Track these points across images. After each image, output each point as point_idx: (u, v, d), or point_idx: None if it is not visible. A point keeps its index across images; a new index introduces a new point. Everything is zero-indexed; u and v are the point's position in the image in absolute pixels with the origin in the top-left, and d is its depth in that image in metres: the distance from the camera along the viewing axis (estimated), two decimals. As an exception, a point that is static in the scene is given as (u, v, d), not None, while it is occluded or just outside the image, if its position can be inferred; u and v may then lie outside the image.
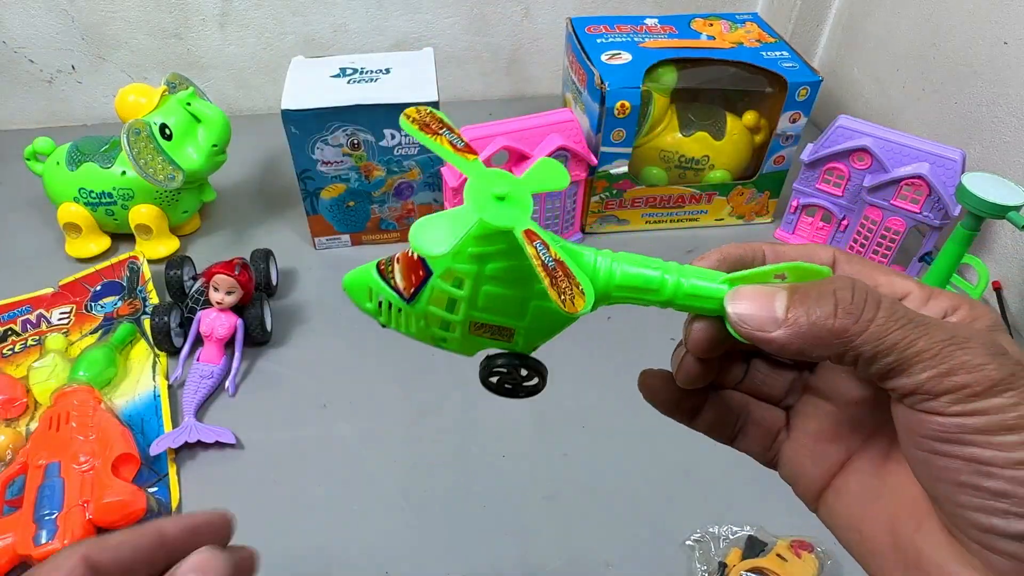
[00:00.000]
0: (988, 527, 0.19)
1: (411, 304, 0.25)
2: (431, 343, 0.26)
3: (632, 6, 1.01)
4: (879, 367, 0.20)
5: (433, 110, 0.24)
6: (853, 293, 0.20)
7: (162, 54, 0.95)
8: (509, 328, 0.25)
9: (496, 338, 0.25)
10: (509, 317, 0.25)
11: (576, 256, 0.24)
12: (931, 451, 0.20)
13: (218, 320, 0.62)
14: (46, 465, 0.51)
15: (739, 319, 0.21)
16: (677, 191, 0.78)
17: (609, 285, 0.23)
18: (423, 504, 0.53)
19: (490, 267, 0.24)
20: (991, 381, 0.18)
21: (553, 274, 0.21)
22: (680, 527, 0.51)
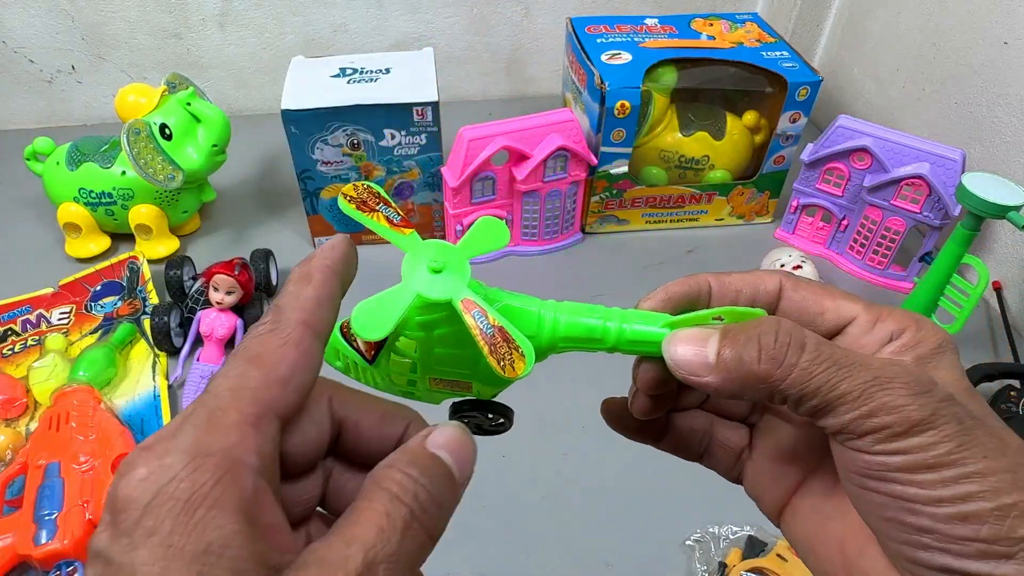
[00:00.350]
0: (914, 559, 0.20)
1: (374, 365, 0.26)
2: (401, 396, 0.27)
3: (632, 6, 1.01)
4: (806, 408, 0.20)
5: (371, 184, 0.25)
6: (776, 337, 0.21)
7: (162, 54, 0.95)
8: (466, 381, 0.26)
9: (456, 390, 0.27)
10: (463, 373, 0.26)
11: (518, 314, 0.24)
12: (861, 486, 0.20)
13: (218, 320, 0.62)
14: (46, 465, 0.51)
15: (675, 364, 0.22)
16: (677, 191, 0.78)
17: (555, 337, 0.24)
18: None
19: (437, 332, 0.24)
20: (911, 422, 0.19)
21: (492, 341, 0.22)
22: (680, 527, 0.51)
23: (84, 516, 0.48)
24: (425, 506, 0.20)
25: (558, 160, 0.71)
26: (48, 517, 0.48)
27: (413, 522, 0.19)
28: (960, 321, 0.60)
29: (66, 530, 0.47)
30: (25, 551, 0.46)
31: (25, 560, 0.47)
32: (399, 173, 0.72)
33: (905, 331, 0.22)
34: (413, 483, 0.20)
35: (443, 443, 0.21)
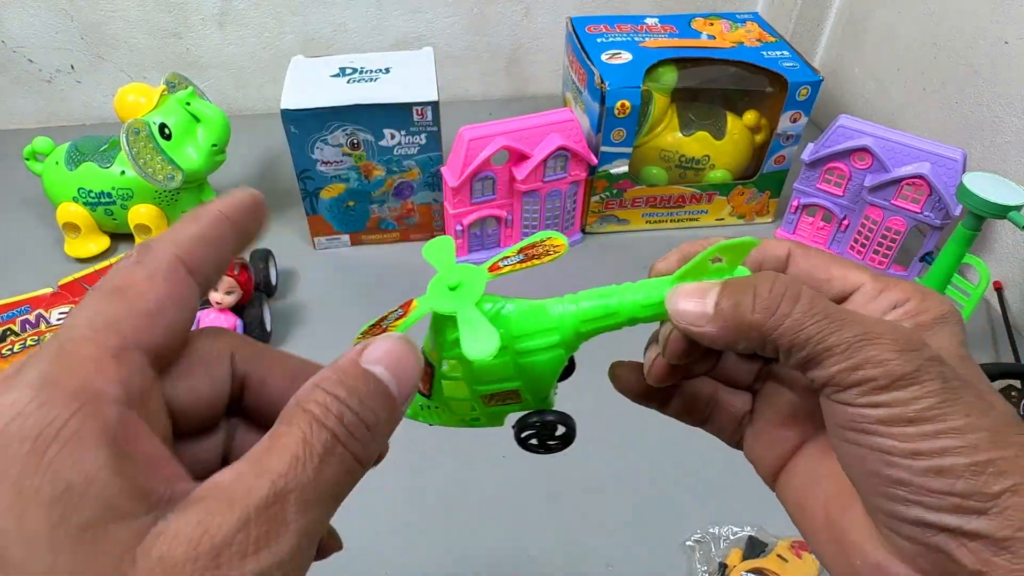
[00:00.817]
0: (891, 512, 0.20)
1: (432, 399, 0.28)
2: (466, 426, 0.29)
3: (632, 6, 1.01)
4: (796, 359, 0.21)
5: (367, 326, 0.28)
6: (772, 288, 0.21)
7: (161, 54, 0.95)
8: (513, 390, 0.27)
9: (510, 402, 0.27)
10: (506, 381, 0.27)
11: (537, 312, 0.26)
12: (844, 439, 0.21)
13: (217, 320, 0.62)
14: (45, 465, 0.51)
15: (676, 315, 0.23)
16: (677, 191, 0.78)
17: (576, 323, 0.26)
18: (423, 504, 0.53)
19: None
20: (895, 375, 0.20)
21: None
22: (680, 527, 0.51)
23: (83, 516, 0.48)
24: (352, 429, 0.18)
25: (558, 160, 0.70)
26: (47, 517, 0.47)
27: (336, 447, 0.17)
28: (961, 321, 0.60)
29: (65, 531, 0.47)
30: (24, 552, 0.46)
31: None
32: (399, 173, 0.72)
33: (909, 300, 0.23)
34: (339, 404, 0.18)
35: (378, 357, 0.20)
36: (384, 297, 0.72)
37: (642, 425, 0.58)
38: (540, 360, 0.26)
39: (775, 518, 0.52)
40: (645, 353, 0.27)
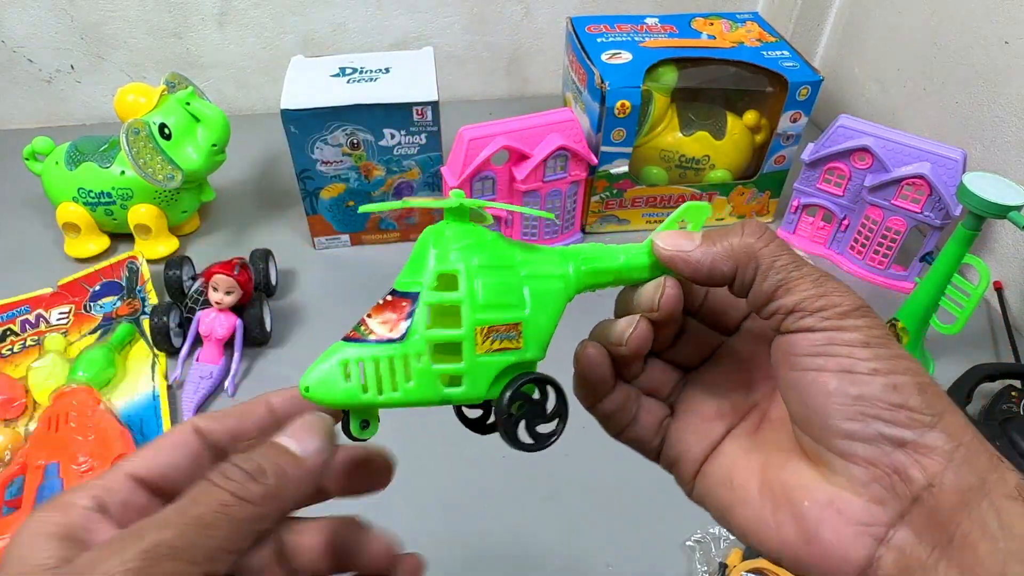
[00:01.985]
0: (851, 433, 0.22)
1: (405, 340, 0.24)
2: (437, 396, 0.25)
3: (632, 5, 1.01)
4: (770, 283, 0.24)
5: None
6: (758, 225, 0.25)
7: (161, 53, 0.95)
8: (515, 323, 0.25)
9: (506, 345, 0.25)
10: (512, 308, 0.25)
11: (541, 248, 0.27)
12: (804, 368, 0.23)
13: (217, 320, 0.62)
14: (45, 465, 0.51)
15: (663, 245, 0.26)
16: (677, 191, 0.78)
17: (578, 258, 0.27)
18: (423, 504, 0.53)
19: (477, 257, 0.25)
20: (854, 305, 0.23)
21: None
22: (680, 527, 0.51)
23: (83, 517, 0.48)
24: (248, 487, 0.21)
25: (558, 160, 0.70)
26: (47, 518, 0.48)
27: (232, 504, 0.20)
28: (961, 321, 0.60)
29: (65, 531, 0.47)
30: (24, 552, 0.46)
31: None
32: (399, 173, 0.72)
33: None
34: (234, 468, 0.21)
35: (287, 431, 0.23)
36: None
37: (642, 425, 0.58)
38: (544, 288, 0.26)
39: (775, 518, 0.52)
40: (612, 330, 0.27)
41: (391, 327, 0.24)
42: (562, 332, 0.27)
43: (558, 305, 0.26)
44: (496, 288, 0.24)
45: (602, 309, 0.31)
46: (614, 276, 0.27)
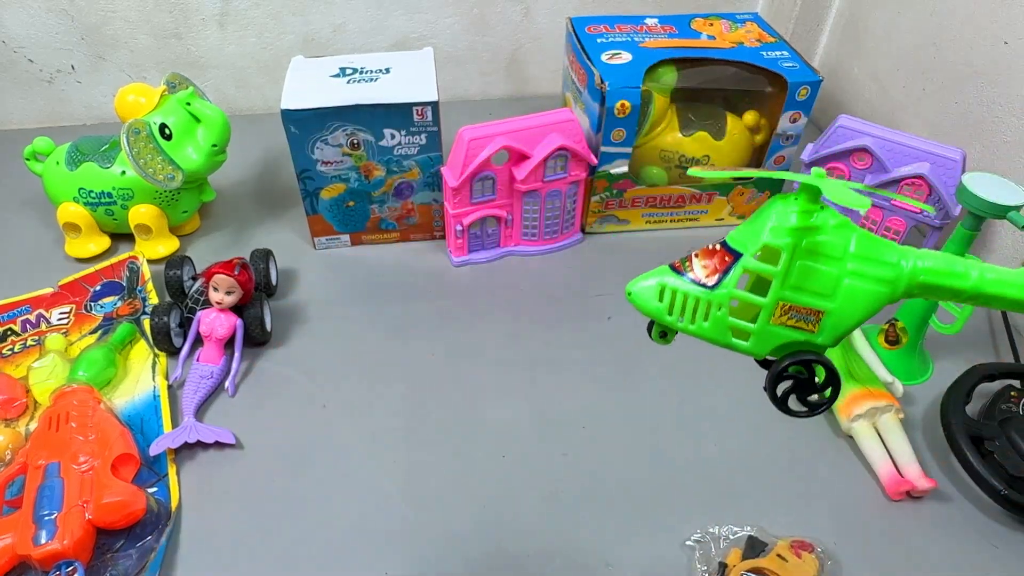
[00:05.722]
0: None
1: (714, 290, 0.26)
2: (723, 340, 0.27)
3: (632, 6, 1.01)
4: None
5: None
6: None
7: (162, 54, 0.95)
8: (818, 311, 0.26)
9: (800, 326, 0.26)
10: (819, 296, 0.26)
11: (882, 244, 0.26)
12: None
13: (218, 320, 0.62)
14: (46, 465, 0.51)
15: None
16: (677, 191, 0.78)
17: (919, 269, 0.26)
18: (423, 504, 0.53)
19: (808, 241, 0.25)
20: None
21: None
22: (680, 527, 0.51)
23: (83, 516, 0.48)
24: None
25: (558, 160, 0.71)
26: (48, 517, 0.48)
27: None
28: (961, 321, 0.60)
29: (66, 530, 0.47)
30: (25, 551, 0.46)
31: (25, 560, 0.47)
32: (399, 173, 0.72)
33: None
34: None
35: None
36: (384, 297, 0.72)
37: (642, 425, 0.58)
38: (864, 289, 0.25)
39: (775, 518, 0.52)
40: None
41: (708, 274, 0.26)
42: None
43: (872, 306, 0.26)
44: (812, 275, 0.25)
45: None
46: (962, 298, 0.26)
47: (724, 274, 0.26)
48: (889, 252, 0.26)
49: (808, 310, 0.26)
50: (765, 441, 0.58)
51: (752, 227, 0.26)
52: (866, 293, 0.26)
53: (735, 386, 0.62)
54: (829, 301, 0.26)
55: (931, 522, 0.53)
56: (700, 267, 0.26)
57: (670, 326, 0.27)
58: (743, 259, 0.26)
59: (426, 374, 0.63)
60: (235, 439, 0.57)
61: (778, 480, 0.55)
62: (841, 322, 0.26)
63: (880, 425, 0.57)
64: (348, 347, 0.66)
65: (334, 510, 0.53)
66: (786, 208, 0.25)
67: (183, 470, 0.55)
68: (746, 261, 0.26)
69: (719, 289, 0.26)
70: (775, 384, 0.27)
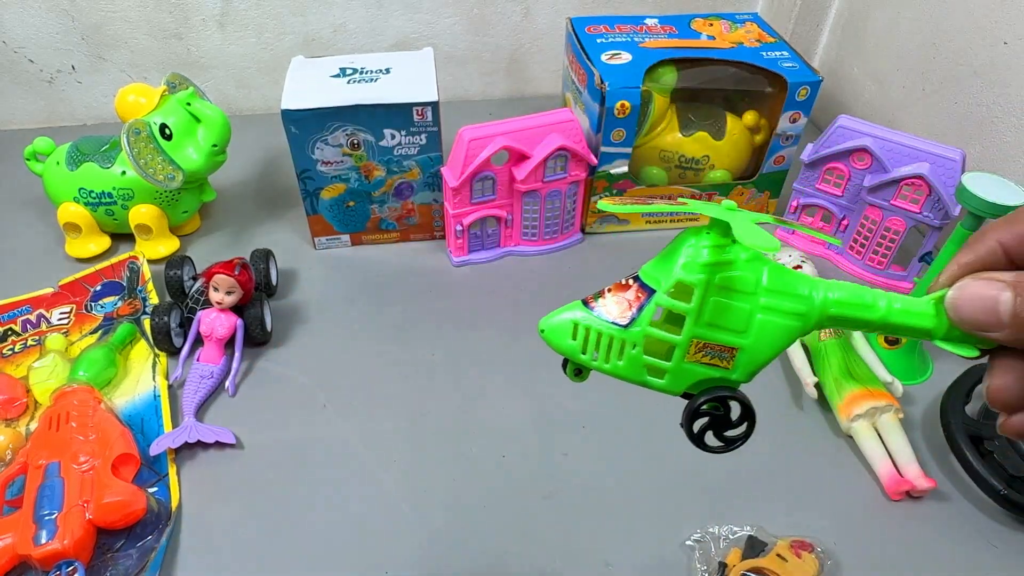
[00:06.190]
0: None
1: (627, 328, 0.26)
2: (639, 379, 0.27)
3: (632, 6, 1.01)
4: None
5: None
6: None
7: (162, 54, 0.95)
8: (732, 347, 0.26)
9: (715, 363, 0.26)
10: (733, 333, 0.25)
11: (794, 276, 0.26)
12: None
13: (218, 320, 0.62)
14: (46, 465, 0.51)
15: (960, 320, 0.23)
16: (677, 191, 0.78)
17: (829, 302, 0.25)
18: (423, 504, 0.53)
19: (720, 276, 0.25)
20: None
21: None
22: (680, 527, 0.51)
23: (84, 516, 0.48)
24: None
25: (558, 160, 0.71)
26: (48, 517, 0.48)
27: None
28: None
29: (66, 530, 0.47)
30: (25, 551, 0.46)
31: (25, 560, 0.47)
32: (399, 173, 0.72)
33: None
34: None
35: None
36: (384, 297, 0.72)
37: (642, 425, 0.59)
38: (777, 324, 0.25)
39: (775, 518, 0.52)
40: None
41: (621, 312, 0.26)
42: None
43: (785, 341, 0.26)
44: (725, 311, 0.25)
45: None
46: (871, 328, 0.26)
47: (638, 311, 0.26)
48: (800, 285, 0.25)
49: (722, 347, 0.26)
50: (765, 441, 0.58)
51: (665, 262, 0.26)
52: (779, 327, 0.25)
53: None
54: (743, 337, 0.25)
55: (931, 522, 0.53)
56: (613, 304, 0.26)
57: (584, 364, 0.27)
58: (656, 295, 0.25)
59: (426, 374, 0.63)
60: (235, 439, 0.57)
61: (778, 480, 0.55)
62: (755, 358, 0.26)
63: (880, 425, 0.57)
64: (348, 347, 0.66)
65: (334, 510, 0.53)
66: (698, 242, 0.25)
67: (183, 470, 0.55)
68: (659, 298, 0.25)
69: (633, 327, 0.26)
70: (691, 421, 0.27)
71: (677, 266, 0.25)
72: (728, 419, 0.27)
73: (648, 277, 0.26)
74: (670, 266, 0.25)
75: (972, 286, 0.23)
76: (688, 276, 0.25)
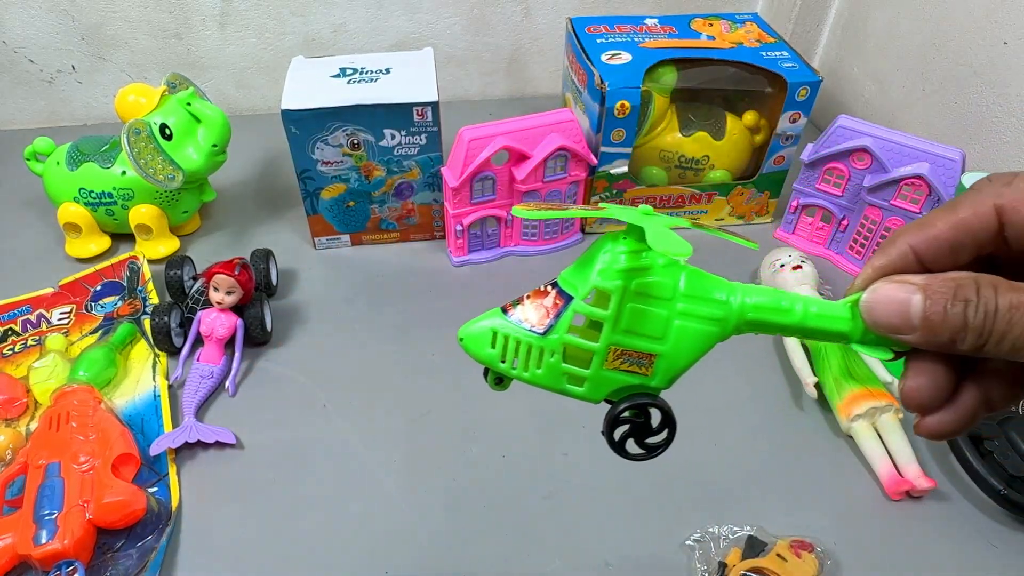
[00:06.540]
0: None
1: (545, 336, 0.25)
2: (557, 387, 0.27)
3: (632, 6, 1.01)
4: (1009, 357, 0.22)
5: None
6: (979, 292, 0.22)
7: (162, 54, 0.95)
8: (650, 354, 0.25)
9: (634, 370, 0.26)
10: (651, 340, 0.25)
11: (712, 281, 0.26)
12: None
13: (218, 320, 0.62)
14: (46, 465, 0.51)
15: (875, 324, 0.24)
16: (677, 191, 0.78)
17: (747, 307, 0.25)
18: (423, 504, 0.53)
19: (637, 282, 0.25)
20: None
21: None
22: (680, 527, 0.51)
23: (84, 516, 0.48)
24: None
25: (558, 160, 0.71)
26: (48, 517, 0.48)
27: None
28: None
29: (66, 530, 0.47)
30: (25, 551, 0.46)
31: (25, 560, 0.47)
32: (399, 173, 0.72)
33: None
34: None
35: None
36: (384, 297, 0.72)
37: (642, 425, 0.58)
38: (694, 329, 0.25)
39: (775, 518, 0.52)
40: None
41: (539, 319, 0.26)
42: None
43: (703, 347, 0.26)
44: (643, 317, 0.25)
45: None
46: (788, 332, 0.26)
47: (556, 318, 0.25)
48: (718, 290, 0.25)
49: (640, 354, 0.25)
50: (765, 441, 0.58)
51: (583, 268, 0.25)
52: (697, 333, 0.25)
53: (734, 386, 0.62)
54: (660, 344, 0.25)
55: (931, 522, 0.53)
56: (532, 311, 0.26)
57: (504, 373, 0.27)
58: (573, 303, 0.25)
59: (426, 374, 0.63)
60: (235, 439, 0.57)
61: (778, 480, 0.55)
62: (674, 364, 0.26)
63: (880, 425, 0.57)
64: (348, 347, 0.66)
65: (334, 510, 0.53)
66: (615, 248, 0.25)
67: (183, 470, 0.55)
68: (576, 305, 0.25)
69: (551, 335, 0.25)
70: (612, 428, 0.27)
71: (594, 272, 0.24)
72: (649, 426, 0.27)
73: (566, 283, 0.26)
74: (587, 272, 0.25)
75: (884, 289, 0.23)
76: (604, 282, 0.24)
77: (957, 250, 0.24)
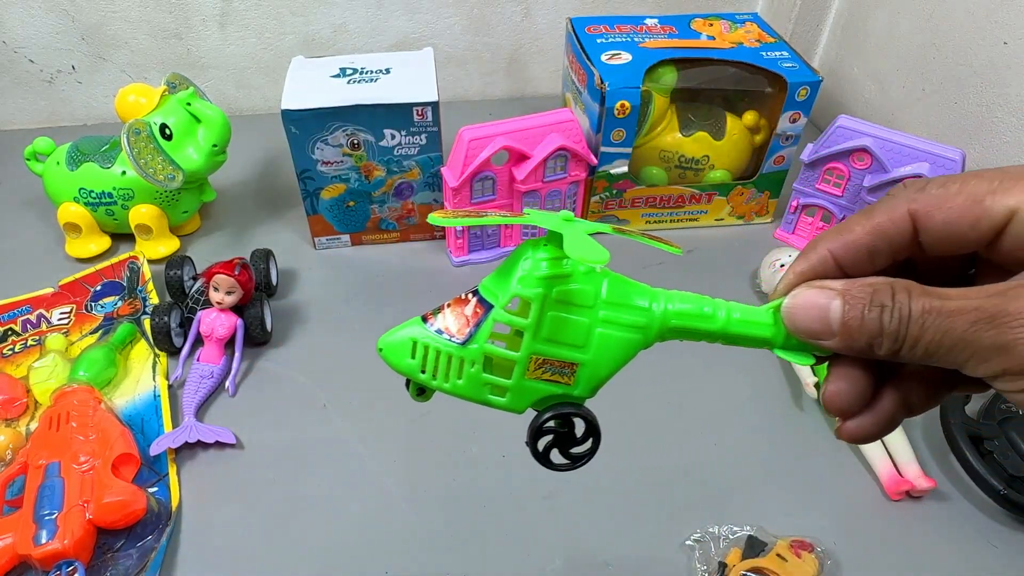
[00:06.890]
0: None
1: (465, 346, 0.25)
2: (479, 398, 0.26)
3: (632, 6, 1.01)
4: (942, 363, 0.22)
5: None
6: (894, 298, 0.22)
7: (162, 54, 0.95)
8: (572, 363, 0.25)
9: (555, 379, 0.25)
10: (573, 348, 0.25)
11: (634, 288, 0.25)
12: None
13: (218, 320, 0.62)
14: (46, 465, 0.51)
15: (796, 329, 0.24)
16: (677, 191, 0.78)
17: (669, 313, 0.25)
18: (423, 504, 0.53)
19: (558, 290, 0.24)
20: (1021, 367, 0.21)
21: None
22: (680, 527, 0.51)
23: (84, 516, 0.48)
24: None
25: (558, 160, 0.71)
26: (48, 517, 0.48)
27: None
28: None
29: (66, 530, 0.47)
30: (25, 551, 0.46)
31: (25, 560, 0.47)
32: (399, 173, 0.72)
33: None
34: None
35: None
36: (384, 297, 0.72)
37: (642, 425, 0.59)
38: (616, 337, 0.25)
39: (775, 518, 0.52)
40: None
41: (459, 328, 0.25)
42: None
43: (625, 355, 0.25)
44: (564, 325, 0.24)
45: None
46: (712, 339, 0.25)
47: (476, 327, 0.25)
48: (640, 296, 0.25)
49: (562, 363, 0.25)
50: (765, 441, 0.58)
51: (504, 275, 0.25)
52: (619, 341, 0.25)
53: (734, 386, 0.62)
54: (582, 352, 0.25)
55: (931, 522, 0.53)
56: (452, 320, 0.25)
57: (425, 384, 0.26)
58: (494, 311, 0.24)
59: (426, 374, 0.63)
60: (235, 439, 0.57)
61: (778, 480, 0.55)
62: (596, 372, 0.25)
63: (880, 425, 0.57)
64: (348, 347, 0.66)
65: (334, 510, 0.53)
66: (535, 255, 0.24)
67: (183, 470, 0.55)
68: (496, 313, 0.24)
69: (471, 344, 0.25)
70: (536, 439, 0.27)
71: (514, 280, 0.24)
72: (574, 436, 0.27)
73: (487, 291, 0.25)
74: (508, 280, 0.25)
75: (804, 294, 0.24)
76: (525, 290, 0.24)
77: (875, 255, 0.24)
